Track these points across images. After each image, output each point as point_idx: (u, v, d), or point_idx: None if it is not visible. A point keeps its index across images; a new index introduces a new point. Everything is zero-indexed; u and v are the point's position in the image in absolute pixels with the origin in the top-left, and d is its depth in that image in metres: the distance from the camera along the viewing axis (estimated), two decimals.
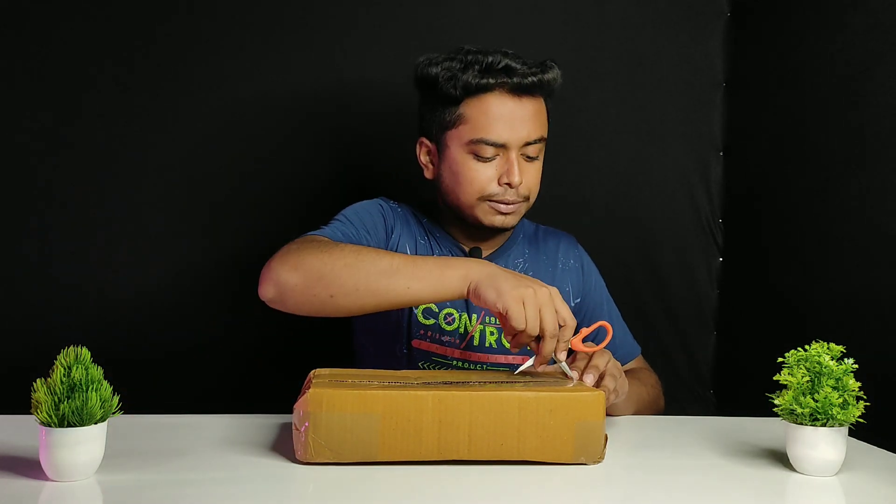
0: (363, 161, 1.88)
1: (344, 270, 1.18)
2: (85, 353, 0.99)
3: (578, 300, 1.51)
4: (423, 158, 1.45)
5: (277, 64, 1.83)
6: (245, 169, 1.84)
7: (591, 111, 1.92)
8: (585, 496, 1.01)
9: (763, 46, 1.83)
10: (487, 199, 1.37)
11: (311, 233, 1.33)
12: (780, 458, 1.12)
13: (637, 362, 1.56)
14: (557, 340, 1.14)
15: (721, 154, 1.94)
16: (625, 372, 1.46)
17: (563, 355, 1.16)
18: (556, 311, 1.13)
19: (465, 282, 1.16)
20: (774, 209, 1.77)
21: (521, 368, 1.19)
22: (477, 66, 1.35)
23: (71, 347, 0.99)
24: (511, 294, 1.11)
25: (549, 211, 1.86)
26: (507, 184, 1.35)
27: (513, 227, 1.43)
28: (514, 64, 1.35)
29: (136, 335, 1.81)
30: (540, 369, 1.19)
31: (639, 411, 1.41)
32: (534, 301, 1.12)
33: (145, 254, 1.82)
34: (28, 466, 1.01)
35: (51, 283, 1.79)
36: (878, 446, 1.22)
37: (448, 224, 1.47)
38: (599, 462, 1.09)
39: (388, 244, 1.43)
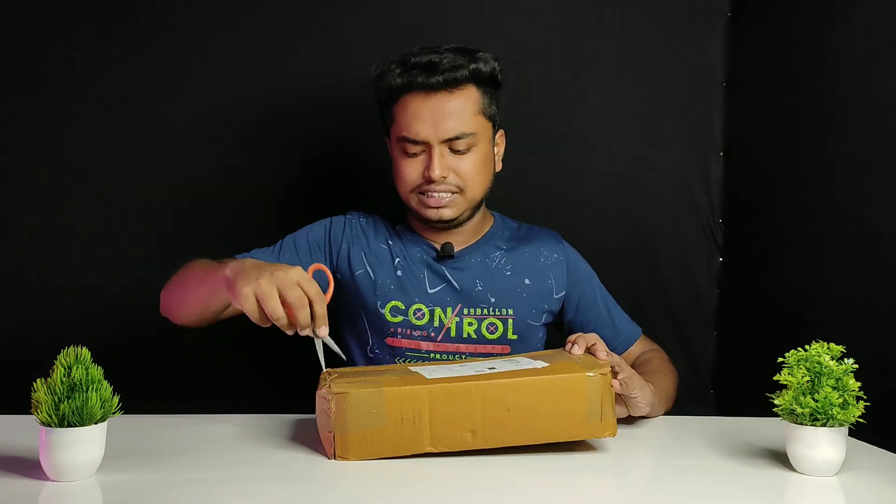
0: (352, 161, 1.89)
1: (179, 286, 1.37)
2: (85, 353, 0.99)
3: (563, 293, 1.53)
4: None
5: (267, 64, 1.84)
6: (242, 169, 1.84)
7: (591, 111, 1.92)
8: (586, 495, 1.01)
9: (763, 46, 1.83)
10: (417, 192, 1.43)
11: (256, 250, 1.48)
12: (780, 458, 1.12)
13: (642, 343, 1.58)
14: (314, 317, 1.14)
15: (721, 154, 1.94)
16: (639, 366, 1.47)
17: (324, 330, 1.15)
18: (302, 289, 1.12)
19: (225, 283, 1.18)
20: (774, 209, 1.77)
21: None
22: (398, 69, 1.40)
23: (71, 347, 0.99)
24: (242, 292, 1.12)
25: (548, 211, 1.87)
26: (428, 177, 1.40)
27: (459, 220, 1.45)
28: (436, 59, 1.38)
29: (136, 335, 1.81)
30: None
31: (669, 403, 1.43)
32: (268, 286, 1.11)
33: (145, 254, 1.82)
34: (28, 466, 1.01)
35: (51, 283, 1.79)
36: (878, 446, 1.22)
37: (417, 222, 1.51)
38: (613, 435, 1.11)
39: (327, 260, 1.49)
